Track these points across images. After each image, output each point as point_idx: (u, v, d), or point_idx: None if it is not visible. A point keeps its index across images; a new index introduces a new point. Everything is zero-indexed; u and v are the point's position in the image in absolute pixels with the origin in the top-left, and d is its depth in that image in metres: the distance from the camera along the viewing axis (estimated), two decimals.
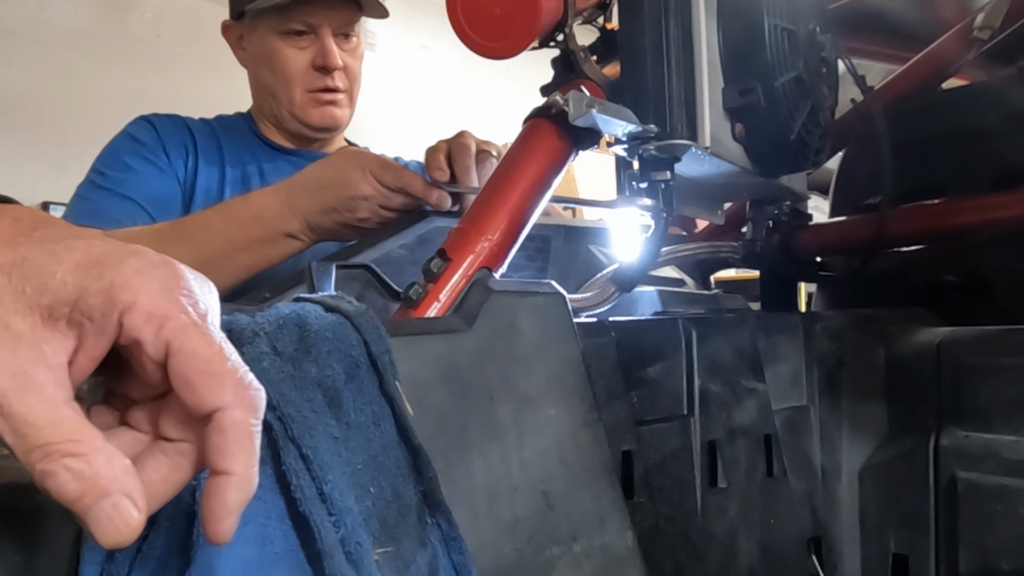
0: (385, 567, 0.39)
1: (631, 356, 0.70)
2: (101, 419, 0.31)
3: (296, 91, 1.12)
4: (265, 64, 1.13)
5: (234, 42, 1.18)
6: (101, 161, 1.08)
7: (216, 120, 1.22)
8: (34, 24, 2.59)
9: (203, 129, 1.17)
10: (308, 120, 1.14)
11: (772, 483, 0.80)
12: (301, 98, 1.13)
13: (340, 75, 1.13)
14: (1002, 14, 0.99)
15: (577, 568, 0.56)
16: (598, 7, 0.78)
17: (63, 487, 0.26)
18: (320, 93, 1.13)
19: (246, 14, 1.12)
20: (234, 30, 1.17)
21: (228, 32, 1.18)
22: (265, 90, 1.16)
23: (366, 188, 0.82)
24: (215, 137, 1.17)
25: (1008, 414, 0.77)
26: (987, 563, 0.75)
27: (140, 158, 1.08)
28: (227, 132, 1.19)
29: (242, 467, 0.28)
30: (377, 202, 0.82)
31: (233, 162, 1.15)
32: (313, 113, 1.14)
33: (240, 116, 1.24)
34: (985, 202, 0.96)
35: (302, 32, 1.10)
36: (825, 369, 0.91)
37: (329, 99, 1.14)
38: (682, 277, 1.17)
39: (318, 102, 1.13)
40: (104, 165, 1.07)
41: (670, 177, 0.69)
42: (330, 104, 1.14)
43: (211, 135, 1.17)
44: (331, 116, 1.15)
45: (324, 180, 0.84)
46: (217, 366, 0.28)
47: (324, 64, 1.10)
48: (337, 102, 1.15)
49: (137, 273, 0.28)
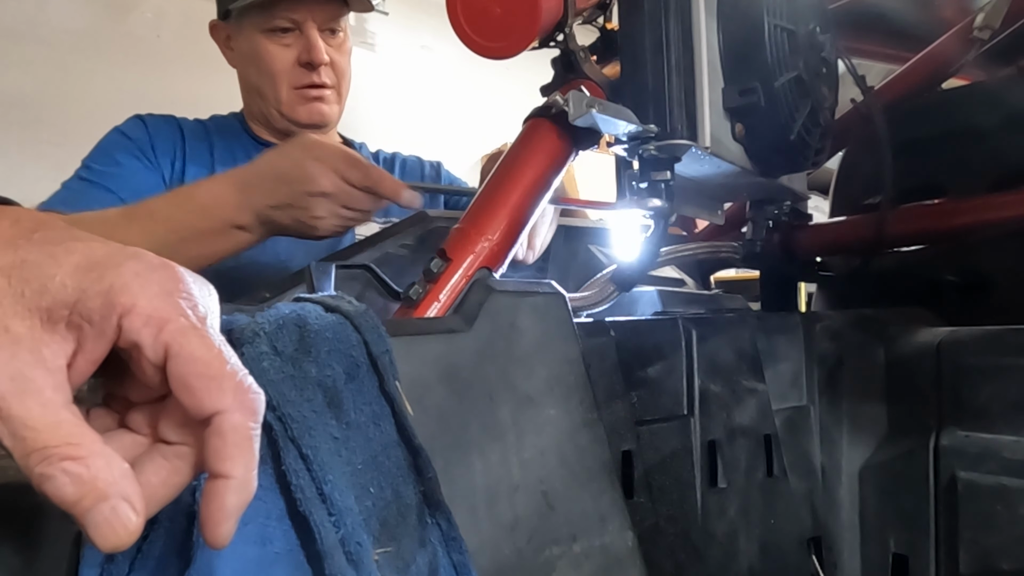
0: (385, 567, 0.39)
1: (631, 356, 0.70)
2: (100, 421, 0.31)
3: (283, 89, 1.11)
4: (251, 63, 1.13)
5: (222, 42, 1.18)
6: (90, 156, 1.08)
7: (210, 120, 1.22)
8: (34, 24, 2.59)
9: (195, 129, 1.17)
10: (296, 117, 1.13)
11: (772, 483, 0.80)
12: (288, 95, 1.12)
13: (327, 71, 1.12)
14: (1002, 14, 0.99)
15: (577, 568, 0.56)
16: (598, 7, 0.78)
17: (61, 490, 0.26)
18: (307, 89, 1.12)
19: (231, 13, 1.11)
20: (222, 30, 1.17)
21: (216, 32, 1.18)
22: (253, 89, 1.15)
23: (326, 184, 0.76)
24: (207, 137, 1.17)
25: (1008, 414, 0.77)
26: (987, 563, 0.75)
27: (127, 154, 1.08)
28: (220, 132, 1.19)
29: (241, 471, 0.28)
30: (339, 201, 0.78)
31: (224, 161, 1.14)
32: (300, 110, 1.13)
33: (233, 116, 1.24)
34: (985, 202, 0.96)
35: (287, 29, 1.09)
36: (825, 369, 0.91)
37: (316, 95, 1.13)
38: (682, 277, 1.17)
39: (305, 99, 1.12)
40: (91, 159, 1.07)
41: (670, 177, 0.69)
42: (317, 100, 1.13)
43: (203, 135, 1.17)
44: (319, 113, 1.14)
45: (280, 172, 0.79)
46: (216, 369, 0.28)
47: (309, 60, 1.09)
48: (324, 98, 1.14)
49: (136, 276, 0.28)
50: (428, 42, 3.58)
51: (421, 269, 0.64)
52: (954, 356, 0.82)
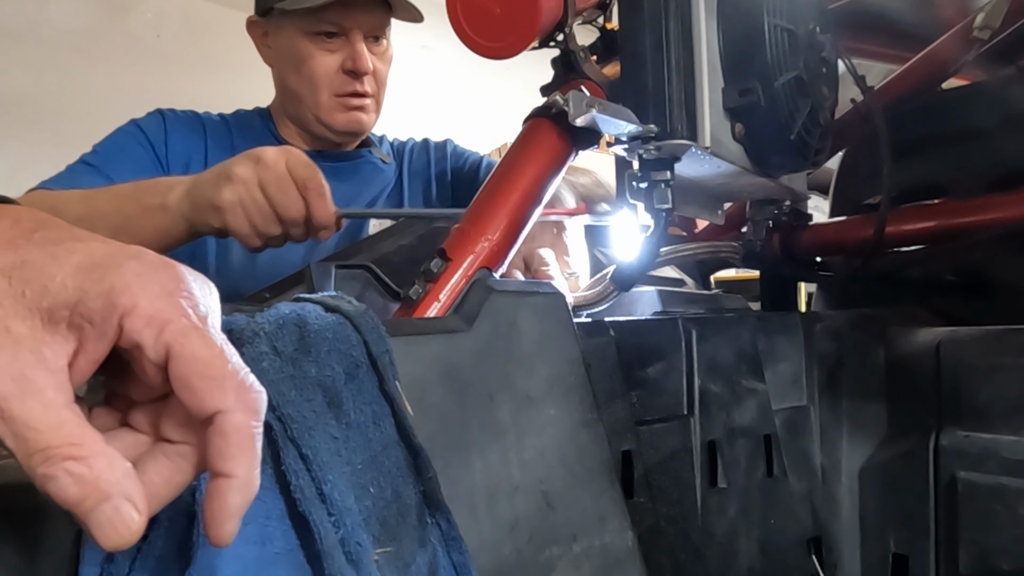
0: (385, 567, 0.39)
1: (631, 356, 0.70)
2: (102, 421, 0.31)
3: (323, 94, 1.09)
4: (291, 65, 1.10)
5: (258, 39, 1.15)
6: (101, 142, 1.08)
7: (232, 116, 1.20)
8: (34, 24, 2.59)
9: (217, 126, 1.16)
10: (333, 124, 1.11)
11: (772, 483, 0.80)
12: (328, 102, 1.10)
13: (369, 80, 1.10)
14: (1002, 14, 0.99)
15: (577, 568, 0.56)
16: (598, 7, 0.78)
17: (64, 491, 0.26)
18: (348, 98, 1.10)
19: (273, 11, 1.08)
20: (259, 27, 1.14)
21: (253, 28, 1.15)
22: (290, 91, 1.13)
23: (241, 171, 0.73)
24: (229, 135, 1.16)
25: (1008, 414, 0.77)
26: (987, 563, 0.75)
27: (136, 144, 1.07)
28: (242, 130, 1.17)
29: (243, 470, 0.28)
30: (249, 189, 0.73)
31: None
32: (339, 118, 1.11)
33: (258, 113, 1.22)
34: (985, 202, 0.96)
35: (333, 34, 1.07)
36: (825, 369, 0.91)
37: (357, 104, 1.11)
38: (682, 277, 1.17)
39: (345, 107, 1.11)
40: (101, 145, 1.07)
41: (670, 177, 0.69)
42: (357, 109, 1.11)
43: (225, 132, 1.16)
44: (357, 121, 1.12)
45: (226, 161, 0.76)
46: (218, 369, 0.28)
47: (354, 68, 1.07)
48: (364, 107, 1.12)
49: (137, 276, 0.28)
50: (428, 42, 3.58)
51: (421, 269, 0.64)
52: (954, 356, 0.82)
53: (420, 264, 0.65)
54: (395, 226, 0.82)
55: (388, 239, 0.79)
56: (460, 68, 3.62)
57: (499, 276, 0.67)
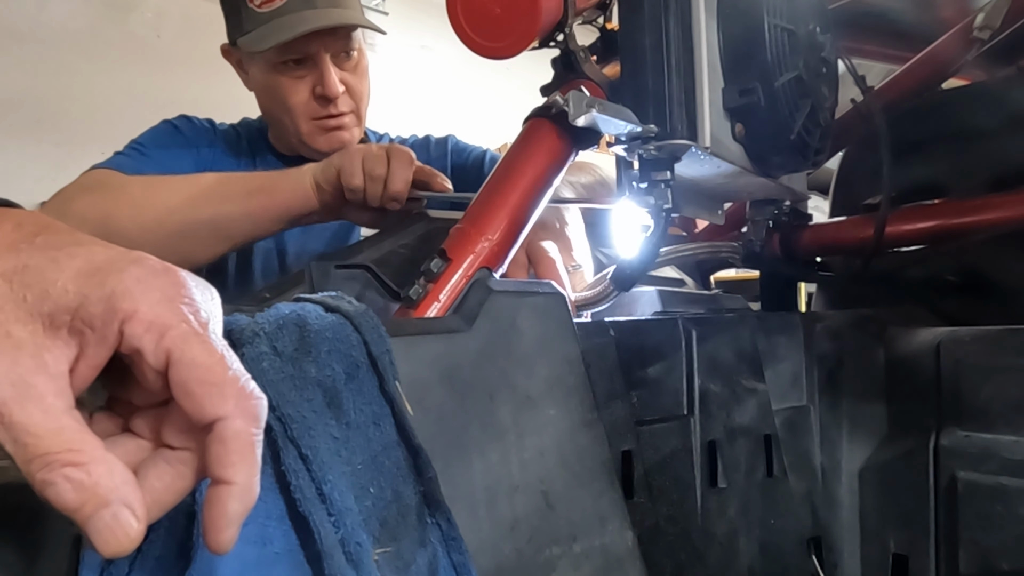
0: (385, 567, 0.39)
1: (631, 356, 0.70)
2: (103, 426, 0.31)
3: (301, 122, 1.10)
4: (265, 95, 1.12)
5: (235, 65, 1.16)
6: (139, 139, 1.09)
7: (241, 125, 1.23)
8: (34, 24, 2.59)
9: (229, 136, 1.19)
10: (316, 147, 1.12)
11: (772, 483, 0.80)
12: (307, 127, 1.11)
13: (344, 99, 1.10)
14: (1002, 14, 0.99)
15: (577, 568, 0.56)
16: (598, 7, 0.78)
17: (63, 497, 0.26)
18: (325, 120, 1.10)
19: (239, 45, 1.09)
20: (232, 55, 1.15)
21: (228, 56, 1.16)
22: (272, 118, 1.15)
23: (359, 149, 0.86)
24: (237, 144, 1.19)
25: (1008, 414, 0.77)
26: (987, 563, 0.75)
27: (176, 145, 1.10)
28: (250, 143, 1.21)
29: (243, 477, 0.28)
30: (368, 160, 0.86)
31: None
32: (321, 140, 1.11)
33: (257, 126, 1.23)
34: (985, 202, 0.96)
35: (299, 60, 1.07)
36: (825, 369, 0.91)
37: (335, 125, 1.11)
38: (682, 277, 1.17)
39: (324, 129, 1.11)
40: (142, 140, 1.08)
41: (670, 177, 0.69)
42: (337, 130, 1.12)
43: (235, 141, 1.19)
44: (339, 141, 1.12)
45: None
46: (218, 375, 0.28)
47: (324, 94, 1.08)
48: (344, 126, 1.12)
49: (138, 282, 0.28)
50: (428, 42, 3.58)
51: (421, 269, 0.64)
52: (954, 356, 0.82)
53: (420, 264, 0.65)
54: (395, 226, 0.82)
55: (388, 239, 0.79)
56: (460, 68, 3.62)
57: (499, 276, 0.67)
